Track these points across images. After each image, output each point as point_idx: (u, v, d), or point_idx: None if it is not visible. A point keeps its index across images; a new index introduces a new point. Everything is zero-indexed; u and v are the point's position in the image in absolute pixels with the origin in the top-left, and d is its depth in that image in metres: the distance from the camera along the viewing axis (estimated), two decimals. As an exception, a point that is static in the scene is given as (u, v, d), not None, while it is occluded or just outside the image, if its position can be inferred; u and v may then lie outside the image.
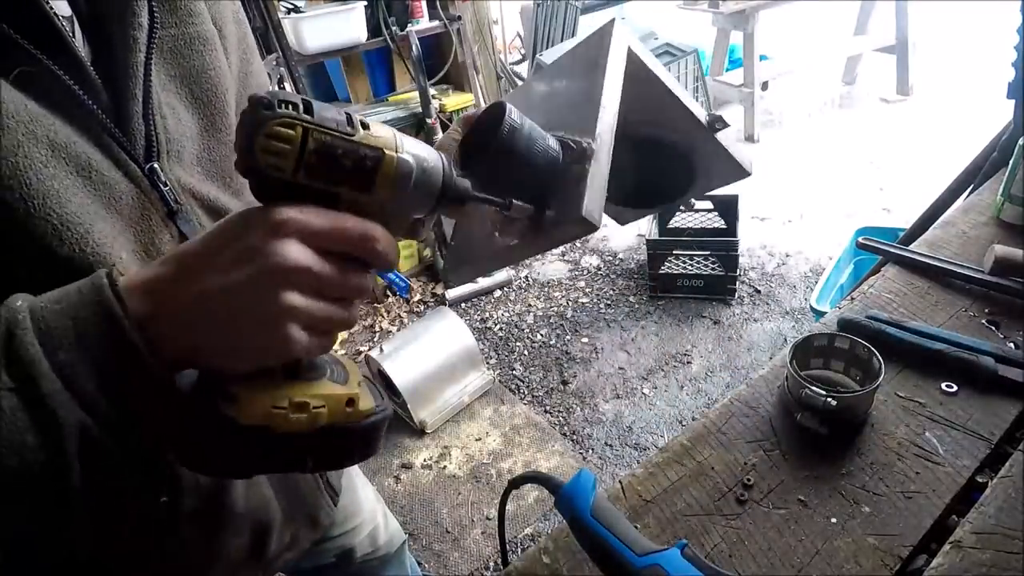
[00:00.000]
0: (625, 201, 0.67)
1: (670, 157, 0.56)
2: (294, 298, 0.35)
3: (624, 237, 3.00)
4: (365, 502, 0.91)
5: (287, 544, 0.66)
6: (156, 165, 0.47)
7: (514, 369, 2.33)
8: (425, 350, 2.08)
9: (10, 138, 0.38)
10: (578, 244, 3.02)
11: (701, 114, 0.60)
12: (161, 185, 0.47)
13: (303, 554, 0.72)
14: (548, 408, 2.15)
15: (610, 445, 1.97)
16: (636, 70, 0.53)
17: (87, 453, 0.34)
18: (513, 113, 0.44)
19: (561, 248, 3.01)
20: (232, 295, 0.35)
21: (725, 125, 0.60)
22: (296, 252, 0.35)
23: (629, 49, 0.53)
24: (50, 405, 0.33)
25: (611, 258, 2.88)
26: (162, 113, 0.48)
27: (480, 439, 2.05)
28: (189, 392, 0.39)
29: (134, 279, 0.36)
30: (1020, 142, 0.91)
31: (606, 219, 0.51)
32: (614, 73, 0.50)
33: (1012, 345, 0.74)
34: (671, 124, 0.60)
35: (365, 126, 0.37)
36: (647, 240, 2.49)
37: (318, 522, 0.71)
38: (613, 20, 0.55)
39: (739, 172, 0.64)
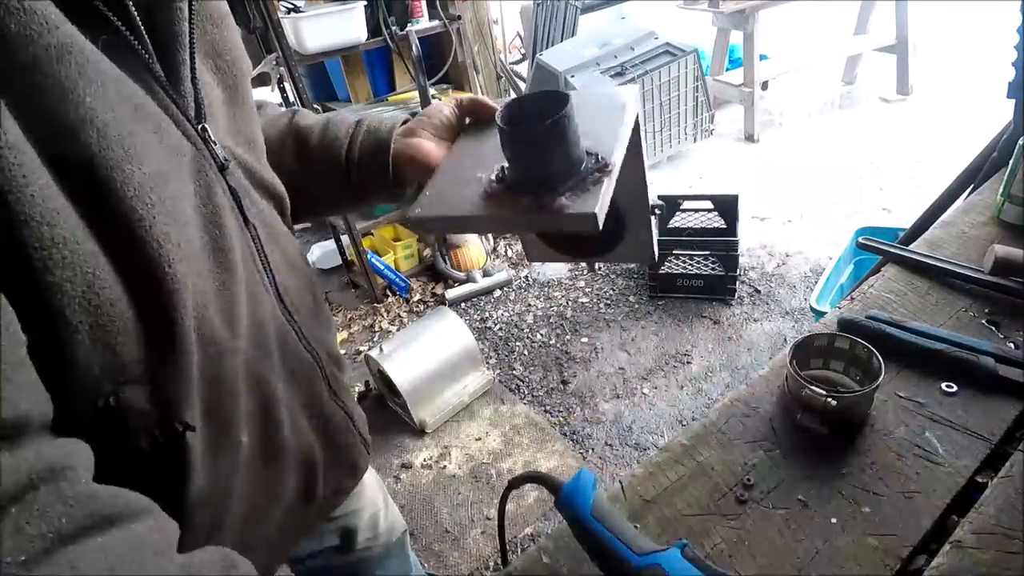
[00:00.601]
0: (550, 240, 0.72)
1: (609, 217, 0.58)
2: None
3: (624, 237, 3.00)
4: (367, 486, 0.93)
5: (332, 491, 0.71)
6: (206, 125, 0.50)
7: (514, 369, 2.33)
8: (425, 350, 2.08)
9: (106, 97, 0.39)
10: (578, 244, 3.02)
11: (652, 196, 0.67)
12: (212, 143, 0.51)
13: (340, 502, 0.78)
14: (548, 408, 2.15)
15: (610, 445, 1.97)
16: (633, 136, 0.59)
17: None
18: (574, 102, 0.50)
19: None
20: None
21: (661, 212, 0.65)
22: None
23: (636, 118, 0.59)
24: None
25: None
26: (203, 78, 0.52)
27: (480, 439, 2.05)
28: None
29: None
30: (1020, 142, 0.91)
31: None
32: (629, 122, 0.58)
33: (1012, 345, 0.74)
34: (626, 191, 0.64)
35: None
36: (647, 240, 2.49)
37: (357, 467, 0.76)
38: (635, 87, 0.62)
39: (647, 256, 0.72)
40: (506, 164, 0.54)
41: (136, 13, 0.44)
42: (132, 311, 0.41)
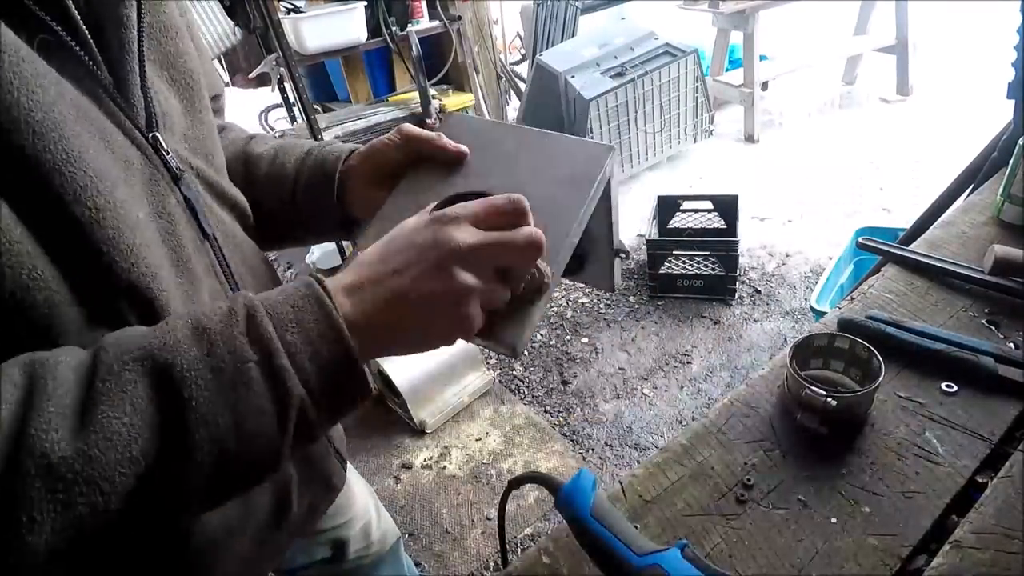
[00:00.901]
0: None
1: (573, 258, 0.56)
2: (468, 277, 0.42)
3: (624, 237, 3.00)
4: (358, 496, 0.92)
5: (306, 512, 0.68)
6: (158, 134, 0.49)
7: (514, 369, 2.33)
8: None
9: (46, 96, 0.38)
10: (578, 244, 3.02)
11: (617, 239, 0.66)
12: (164, 153, 0.50)
13: (316, 522, 0.75)
14: (548, 408, 2.15)
15: (610, 445, 1.97)
16: (604, 191, 0.58)
17: (299, 423, 0.39)
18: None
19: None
20: (422, 283, 0.41)
21: (625, 257, 0.66)
22: (465, 233, 0.42)
23: (609, 178, 0.58)
24: (283, 378, 0.38)
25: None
26: (157, 86, 0.51)
27: (480, 439, 2.05)
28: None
29: (334, 283, 0.42)
30: (1020, 142, 0.91)
31: None
32: (593, 197, 0.56)
33: (1012, 345, 0.74)
34: (592, 238, 0.63)
35: None
36: (647, 240, 2.49)
37: (331, 485, 0.72)
38: (612, 150, 0.58)
39: (607, 286, 0.68)
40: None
41: (80, 19, 0.43)
42: (80, 316, 0.41)
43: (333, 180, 0.65)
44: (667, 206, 2.69)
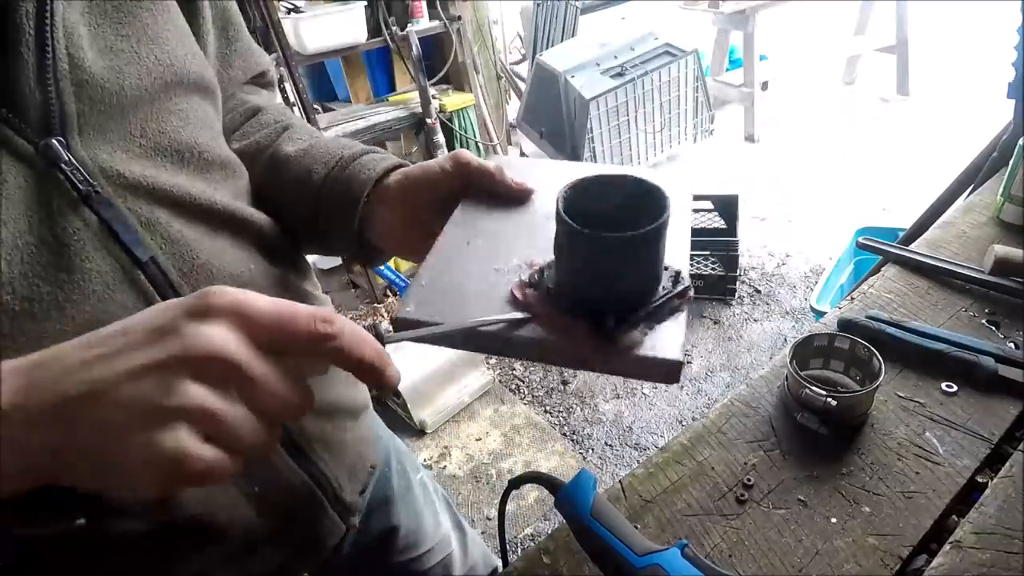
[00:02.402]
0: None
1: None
2: (201, 393, 0.29)
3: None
4: (433, 528, 0.84)
5: (280, 564, 0.57)
6: (56, 141, 0.39)
7: (514, 369, 2.33)
8: (425, 350, 2.08)
9: None
10: (578, 244, 3.02)
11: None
12: (64, 165, 0.39)
13: (300, 573, 0.62)
14: (548, 408, 2.15)
15: (610, 445, 1.97)
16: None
17: None
18: (670, 205, 0.38)
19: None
20: (121, 384, 0.29)
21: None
22: (221, 335, 0.30)
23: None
24: None
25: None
26: (79, 78, 0.41)
27: (480, 439, 2.05)
28: None
29: (22, 361, 0.30)
30: (1020, 142, 0.91)
31: None
32: (689, 227, 0.51)
33: (1012, 345, 0.74)
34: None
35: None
36: (647, 240, 2.49)
37: (321, 542, 0.60)
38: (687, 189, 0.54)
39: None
40: (546, 263, 0.43)
41: None
42: None
43: (355, 208, 0.55)
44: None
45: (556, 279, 0.42)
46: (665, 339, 0.39)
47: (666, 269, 0.42)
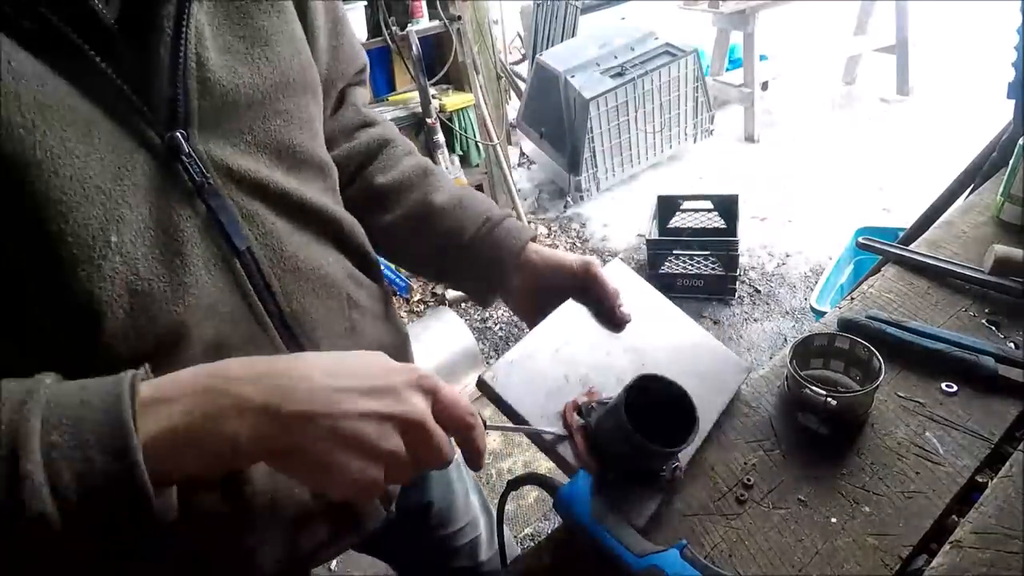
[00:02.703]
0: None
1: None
2: (400, 445, 0.40)
3: (624, 237, 3.00)
4: (464, 507, 0.88)
5: (325, 540, 0.61)
6: (179, 134, 0.43)
7: (514, 369, 2.33)
8: (425, 350, 2.08)
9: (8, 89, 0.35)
10: (578, 244, 3.02)
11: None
12: (184, 157, 0.44)
13: (340, 551, 0.67)
14: (548, 408, 2.14)
15: (610, 445, 1.97)
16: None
17: (35, 534, 0.32)
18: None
19: (561, 248, 3.01)
20: (356, 419, 0.38)
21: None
22: (424, 406, 0.41)
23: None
24: (23, 487, 0.31)
25: (611, 258, 2.88)
26: (202, 77, 0.44)
27: (480, 439, 2.05)
28: None
29: (264, 365, 0.39)
30: (1020, 142, 0.91)
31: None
32: (723, 404, 0.64)
33: (1012, 345, 0.74)
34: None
35: None
36: (647, 240, 2.49)
37: (361, 524, 0.64)
38: (750, 372, 0.69)
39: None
40: (597, 402, 0.57)
41: (101, 10, 0.39)
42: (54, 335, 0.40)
43: (501, 266, 0.66)
44: (667, 206, 2.69)
45: (595, 428, 0.56)
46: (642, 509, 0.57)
47: (676, 465, 0.58)
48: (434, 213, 0.68)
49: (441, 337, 2.13)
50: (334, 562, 1.53)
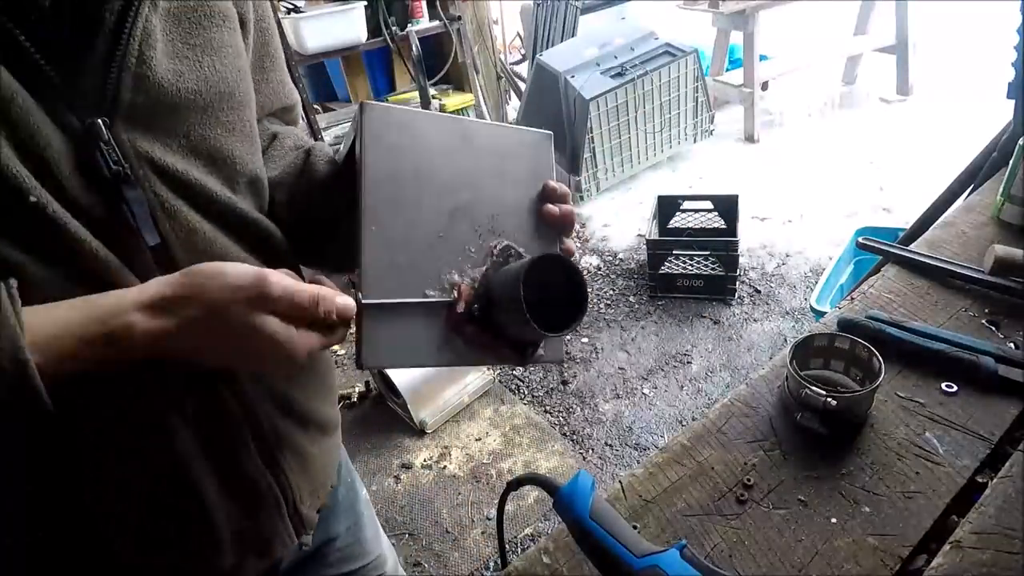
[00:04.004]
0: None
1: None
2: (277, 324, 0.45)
3: (624, 237, 3.00)
4: (373, 545, 0.86)
5: (233, 564, 0.59)
6: (101, 121, 0.44)
7: (514, 369, 2.33)
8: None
9: None
10: (578, 244, 3.02)
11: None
12: (102, 144, 0.44)
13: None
14: (548, 408, 2.14)
15: (610, 445, 1.97)
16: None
17: None
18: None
19: (561, 248, 3.01)
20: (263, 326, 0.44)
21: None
22: (271, 326, 0.45)
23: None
24: None
25: (611, 258, 2.88)
26: (141, 74, 0.45)
27: (480, 439, 2.05)
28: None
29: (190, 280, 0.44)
30: (1020, 142, 0.91)
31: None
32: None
33: (1012, 345, 0.74)
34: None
35: None
36: (647, 240, 2.49)
37: (270, 550, 0.63)
38: (551, 137, 0.63)
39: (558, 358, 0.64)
40: (473, 289, 0.55)
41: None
42: None
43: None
44: (667, 206, 2.69)
45: (489, 283, 0.56)
46: (555, 346, 0.59)
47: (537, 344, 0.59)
48: (315, 197, 0.64)
49: (441, 337, 2.13)
50: None
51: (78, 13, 0.43)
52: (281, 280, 0.45)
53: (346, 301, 0.49)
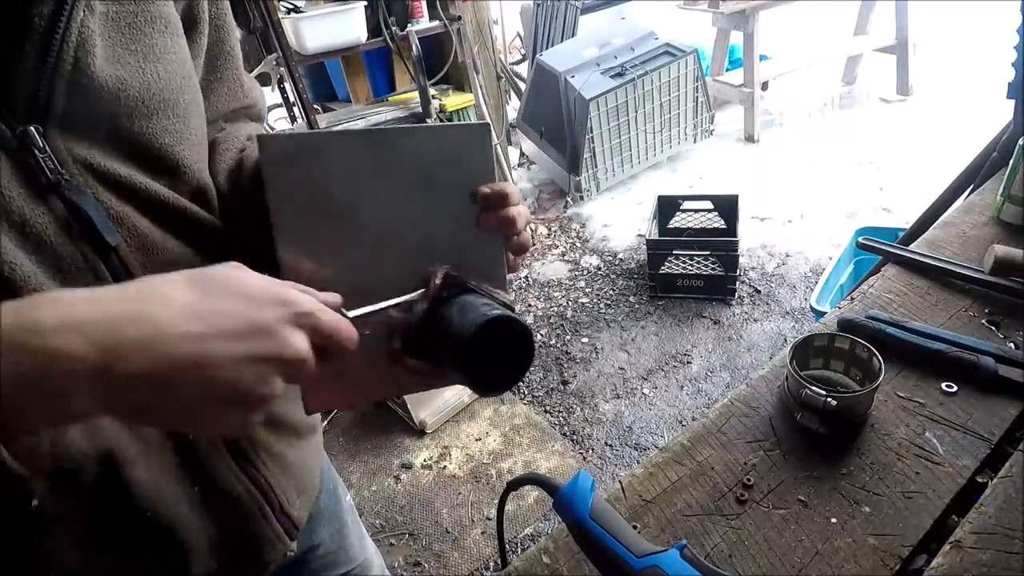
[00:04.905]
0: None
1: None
2: (279, 386, 0.37)
3: (624, 237, 3.00)
4: (358, 551, 0.85)
5: (212, 574, 0.58)
6: (33, 129, 0.42)
7: (514, 369, 2.33)
8: (425, 350, 2.08)
9: None
10: (578, 244, 3.02)
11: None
12: (37, 151, 0.42)
13: None
14: (548, 408, 2.15)
15: (610, 445, 1.97)
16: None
17: None
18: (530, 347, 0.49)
19: (561, 248, 3.01)
20: (226, 366, 0.34)
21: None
22: (304, 344, 0.38)
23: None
24: None
25: (611, 258, 2.88)
26: (76, 80, 0.43)
27: (480, 439, 2.05)
28: None
29: (96, 307, 0.33)
30: (1020, 142, 0.91)
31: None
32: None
33: (1012, 345, 0.74)
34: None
35: None
36: (647, 240, 2.49)
37: (260, 555, 0.61)
38: (489, 129, 0.55)
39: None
40: (415, 330, 0.50)
41: None
42: None
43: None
44: (667, 206, 2.69)
45: (440, 317, 0.50)
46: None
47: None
48: (243, 211, 0.60)
49: (441, 337, 2.13)
50: None
51: (3, 17, 0.41)
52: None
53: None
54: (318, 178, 0.48)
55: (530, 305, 2.66)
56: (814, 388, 0.66)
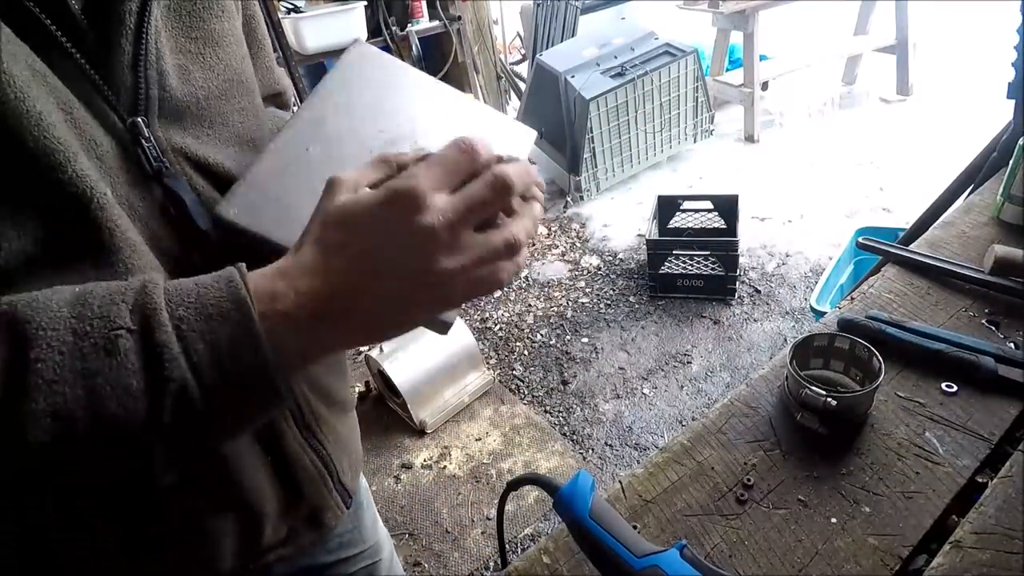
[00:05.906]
0: None
1: None
2: (454, 263, 0.36)
3: (624, 237, 3.00)
4: (371, 532, 0.87)
5: (283, 538, 0.61)
6: (140, 120, 0.45)
7: (514, 369, 2.33)
8: (425, 350, 2.08)
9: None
10: (578, 244, 3.02)
11: None
12: (144, 141, 0.45)
13: (301, 550, 0.66)
14: (548, 408, 2.15)
15: (610, 445, 1.97)
16: None
17: (180, 413, 0.33)
18: None
19: (561, 248, 3.01)
20: (404, 289, 0.36)
21: None
22: (439, 213, 0.36)
23: None
24: (160, 354, 0.33)
25: (611, 258, 2.88)
26: (161, 69, 0.46)
27: (480, 439, 2.05)
28: None
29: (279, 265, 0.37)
30: (1020, 142, 0.91)
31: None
32: None
33: (1012, 345, 0.74)
34: None
35: None
36: (647, 240, 2.50)
37: (321, 522, 0.65)
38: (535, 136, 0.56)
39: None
40: None
41: None
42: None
43: None
44: (667, 206, 2.69)
45: None
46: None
47: None
48: None
49: (441, 337, 2.13)
50: None
51: (103, 15, 0.43)
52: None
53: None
54: (376, 86, 0.51)
55: (530, 305, 2.66)
56: (814, 388, 0.66)
